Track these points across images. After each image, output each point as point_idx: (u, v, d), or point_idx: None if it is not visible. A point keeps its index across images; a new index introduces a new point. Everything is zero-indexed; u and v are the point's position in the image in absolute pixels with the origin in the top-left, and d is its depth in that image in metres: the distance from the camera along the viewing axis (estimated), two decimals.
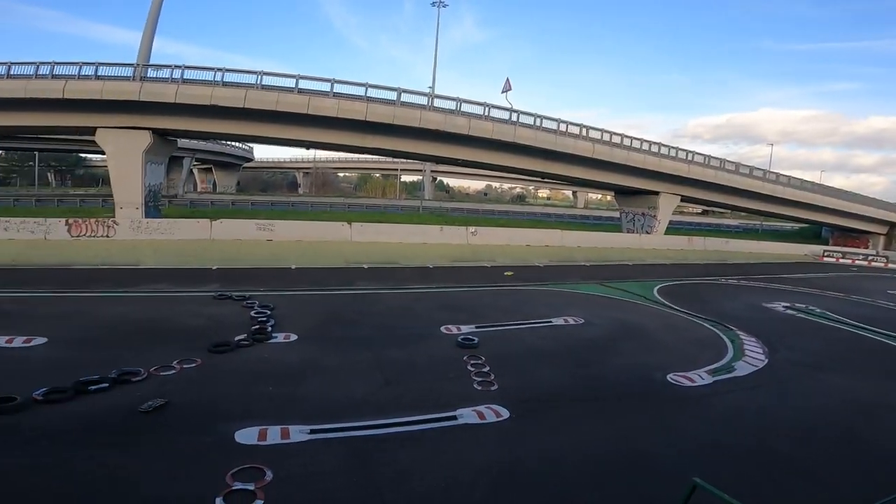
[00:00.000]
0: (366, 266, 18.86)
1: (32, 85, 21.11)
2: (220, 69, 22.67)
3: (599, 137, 30.66)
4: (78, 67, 21.52)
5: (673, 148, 33.57)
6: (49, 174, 68.74)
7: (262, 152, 73.74)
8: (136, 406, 6.58)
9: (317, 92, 23.62)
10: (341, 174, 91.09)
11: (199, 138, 41.04)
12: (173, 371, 7.88)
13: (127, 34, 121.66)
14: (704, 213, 64.80)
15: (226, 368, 8.25)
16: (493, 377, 8.34)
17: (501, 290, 16.38)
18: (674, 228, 39.94)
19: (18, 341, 8.81)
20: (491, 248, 22.83)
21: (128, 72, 22.13)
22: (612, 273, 21.01)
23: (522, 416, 7.03)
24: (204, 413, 6.61)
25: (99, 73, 21.80)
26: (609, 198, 62.36)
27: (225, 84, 22.62)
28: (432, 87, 32.00)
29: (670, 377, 8.81)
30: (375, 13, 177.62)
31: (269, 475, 5.24)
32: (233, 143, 57.55)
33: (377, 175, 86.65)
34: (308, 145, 31.27)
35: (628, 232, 35.75)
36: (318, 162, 76.64)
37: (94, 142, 23.89)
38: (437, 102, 25.97)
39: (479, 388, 7.94)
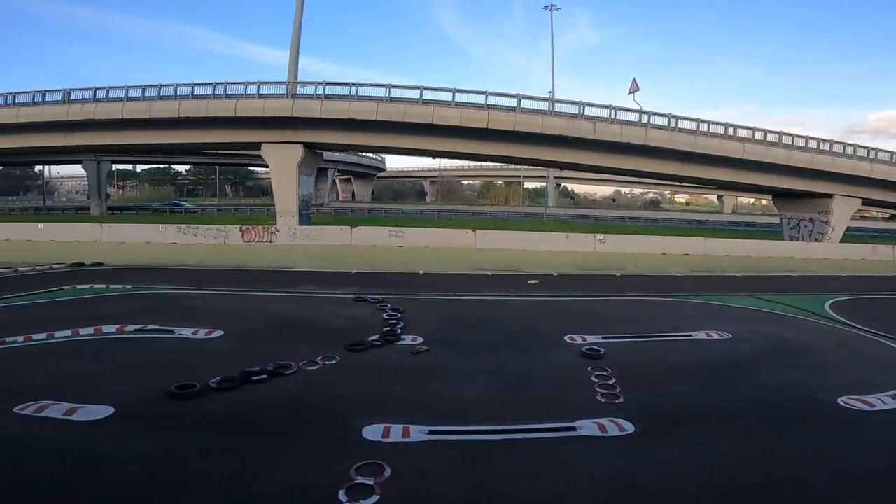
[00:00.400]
0: (489, 273, 19.10)
1: (212, 105, 24.71)
2: (354, 84, 24.72)
3: (751, 136, 27.17)
4: (244, 87, 24.61)
5: (849, 145, 28.42)
6: (227, 186, 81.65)
7: (392, 162, 79.29)
8: (289, 394, 7.59)
9: (440, 102, 24.50)
10: (465, 182, 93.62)
11: (339, 150, 45.34)
12: (317, 366, 8.68)
13: (274, 53, 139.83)
14: (894, 217, 53.37)
15: (360, 367, 8.86)
16: (618, 390, 7.87)
17: (633, 300, 15.37)
18: (852, 235, 33.83)
19: (201, 333, 10.54)
20: (621, 257, 21.52)
21: (281, 90, 24.94)
22: (771, 285, 18.41)
23: (649, 431, 6.51)
24: (338, 408, 7.14)
25: (261, 92, 24.73)
26: (765, 202, 54.68)
27: (359, 98, 24.60)
28: (552, 92, 31.45)
29: (841, 400, 7.45)
30: (486, 21, 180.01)
31: (387, 471, 5.46)
32: (367, 154, 62.78)
33: (500, 182, 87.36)
34: (434, 154, 32.61)
35: (791, 239, 30.95)
36: (443, 171, 79.89)
37: (258, 156, 27.55)
38: (558, 107, 25.34)
39: (603, 400, 7.53)
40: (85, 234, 22.82)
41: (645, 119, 25.58)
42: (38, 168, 60.13)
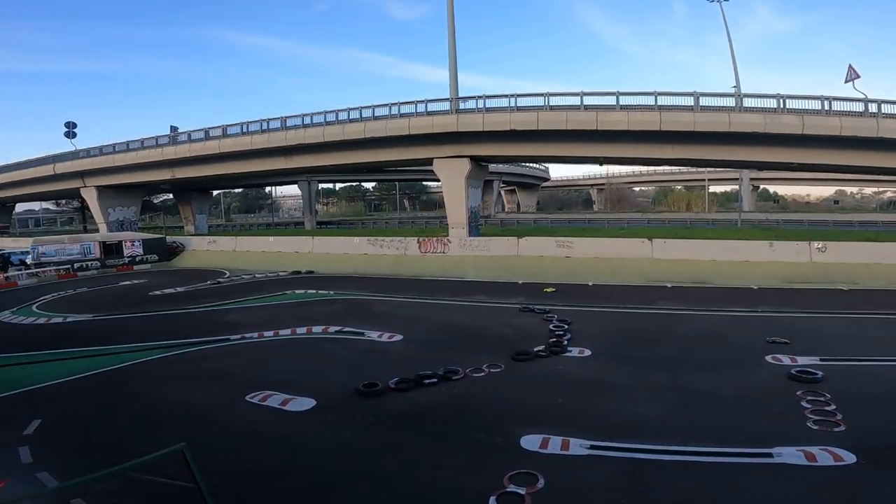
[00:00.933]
0: (669, 285, 17.36)
1: (390, 124, 26.83)
2: (512, 95, 24.69)
3: None
4: (414, 106, 26.43)
5: None
6: (405, 200, 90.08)
7: (556, 171, 77.87)
8: (455, 399, 7.97)
9: (603, 106, 23.11)
10: (637, 188, 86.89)
11: (503, 162, 45.87)
12: (483, 373, 9.08)
13: (436, 71, 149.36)
14: None
15: (523, 376, 8.99)
16: (839, 417, 6.66)
17: (863, 318, 12.39)
18: None
19: (385, 336, 11.84)
20: (850, 268, 17.45)
21: (446, 106, 26.05)
22: None
23: (877, 464, 5.45)
24: (499, 415, 7.33)
25: (428, 109, 26.18)
26: None
27: (519, 109, 24.51)
28: (737, 87, 26.76)
29: None
30: (643, 20, 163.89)
31: (541, 482, 5.46)
32: (530, 165, 62.67)
33: (678, 187, 78.66)
34: (600, 161, 30.88)
35: None
36: (611, 178, 75.48)
37: (430, 171, 29.48)
38: (748, 102, 21.82)
39: (816, 427, 6.46)
40: (301, 246, 27.63)
41: (874, 108, 20.51)
42: (267, 189, 74.95)
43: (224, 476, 5.70)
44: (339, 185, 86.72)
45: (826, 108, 21.03)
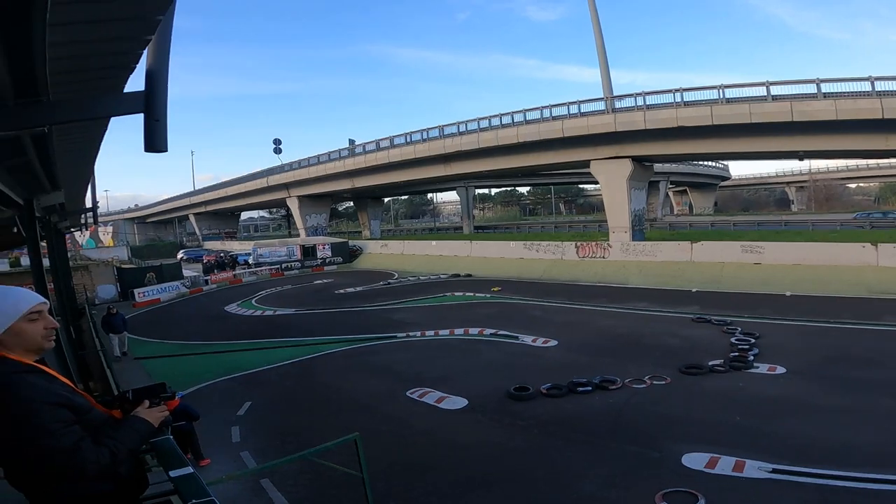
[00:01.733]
0: None
1: (543, 127, 26.34)
2: (677, 90, 22.17)
3: None
4: (566, 107, 25.40)
5: None
6: (561, 204, 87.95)
7: (739, 169, 67.57)
8: (610, 409, 7.46)
9: (799, 95, 19.54)
10: (853, 185, 70.55)
11: (670, 161, 41.45)
12: (644, 385, 8.44)
13: (583, 70, 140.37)
14: None
15: (693, 391, 8.14)
16: None
17: None
18: None
19: (539, 341, 11.71)
20: None
21: (600, 105, 24.58)
22: None
23: None
24: (659, 429, 6.76)
25: (581, 110, 24.97)
26: None
27: (686, 104, 21.99)
28: None
29: None
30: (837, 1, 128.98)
31: (701, 503, 4.96)
32: (704, 163, 55.41)
33: None
34: (800, 156, 25.95)
35: None
36: (816, 174, 62.50)
37: (588, 173, 28.30)
38: None
39: None
40: (459, 250, 28.98)
41: None
42: (429, 195, 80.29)
43: (380, 464, 6.14)
44: (494, 191, 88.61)
45: None
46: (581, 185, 78.50)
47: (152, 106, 3.19)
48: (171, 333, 14.91)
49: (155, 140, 3.26)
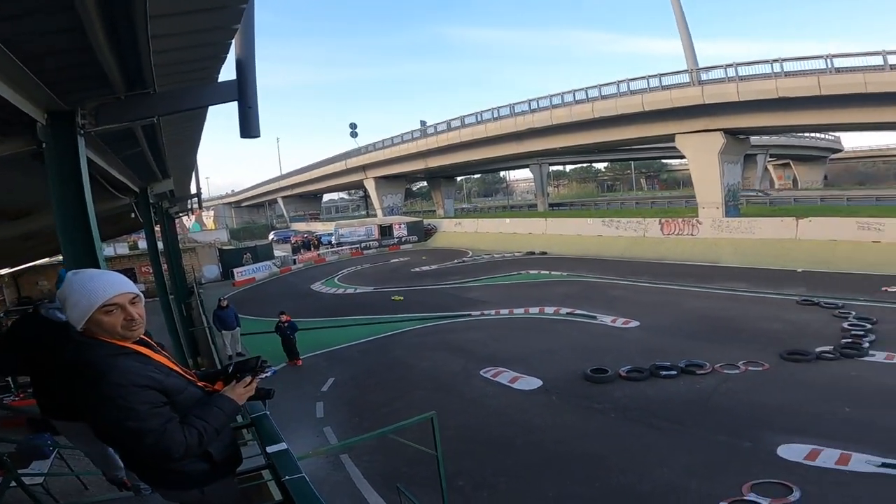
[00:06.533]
0: None
1: (620, 102, 25.22)
2: (776, 60, 20.41)
3: None
4: (646, 81, 24.11)
5: None
6: (642, 180, 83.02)
7: (852, 140, 59.31)
8: (697, 395, 6.99)
9: None
10: None
11: (769, 133, 37.57)
12: (737, 371, 7.84)
13: (661, 43, 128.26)
14: None
15: (796, 378, 7.48)
16: None
17: None
18: None
19: (619, 322, 11.23)
20: None
21: (684, 78, 23.06)
22: None
23: None
24: (753, 418, 6.30)
25: (663, 83, 23.59)
26: None
27: (787, 74, 20.09)
28: None
29: None
30: None
31: (795, 495, 4.60)
32: (811, 135, 49.25)
33: None
34: None
35: None
36: None
37: (672, 147, 26.68)
38: None
39: None
40: (534, 228, 28.50)
41: None
42: (502, 174, 79.11)
43: (452, 443, 6.18)
44: (569, 167, 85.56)
45: None
46: (664, 160, 73.69)
47: (244, 94, 3.38)
48: (265, 311, 16.08)
49: (249, 126, 3.47)
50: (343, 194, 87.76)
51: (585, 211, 45.18)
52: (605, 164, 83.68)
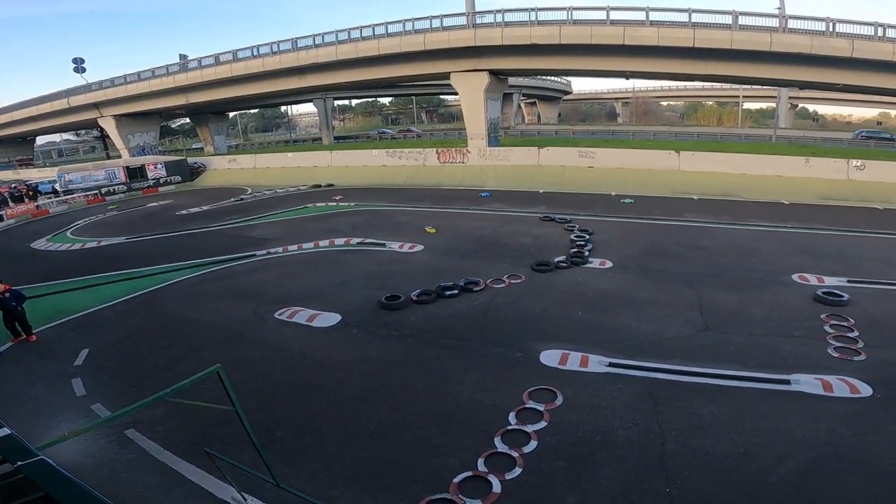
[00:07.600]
0: (695, 197, 16.86)
1: (405, 41, 26.37)
2: (533, 9, 23.99)
3: None
4: (429, 21, 25.89)
5: None
6: (423, 114, 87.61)
7: (578, 85, 74.20)
8: (476, 311, 8.04)
9: (632, 22, 22.31)
10: (664, 103, 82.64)
11: (523, 75, 43.92)
12: (503, 284, 9.12)
13: None
14: None
15: (543, 287, 8.95)
16: (860, 345, 6.50)
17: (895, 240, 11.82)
18: None
19: (406, 247, 11.96)
20: (886, 187, 16.53)
21: (463, 20, 25.46)
22: None
23: (892, 399, 5.35)
24: (519, 329, 7.34)
25: (444, 24, 25.64)
26: None
27: (540, 23, 23.86)
28: (780, 8, 25.04)
29: None
30: None
31: (559, 400, 5.54)
32: (551, 78, 59.70)
33: (709, 103, 74.29)
34: (627, 75, 29.59)
35: None
36: (637, 92, 71.70)
37: (448, 85, 28.96)
38: (792, 24, 20.42)
39: (836, 354, 6.34)
40: (319, 161, 27.50)
41: None
42: (283, 108, 73.11)
43: (259, 394, 5.92)
44: (354, 102, 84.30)
45: (880, 34, 19.65)
46: (442, 96, 78.89)
47: None
48: None
49: None
50: (70, 135, 69.49)
51: (371, 143, 45.53)
52: (390, 99, 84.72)
